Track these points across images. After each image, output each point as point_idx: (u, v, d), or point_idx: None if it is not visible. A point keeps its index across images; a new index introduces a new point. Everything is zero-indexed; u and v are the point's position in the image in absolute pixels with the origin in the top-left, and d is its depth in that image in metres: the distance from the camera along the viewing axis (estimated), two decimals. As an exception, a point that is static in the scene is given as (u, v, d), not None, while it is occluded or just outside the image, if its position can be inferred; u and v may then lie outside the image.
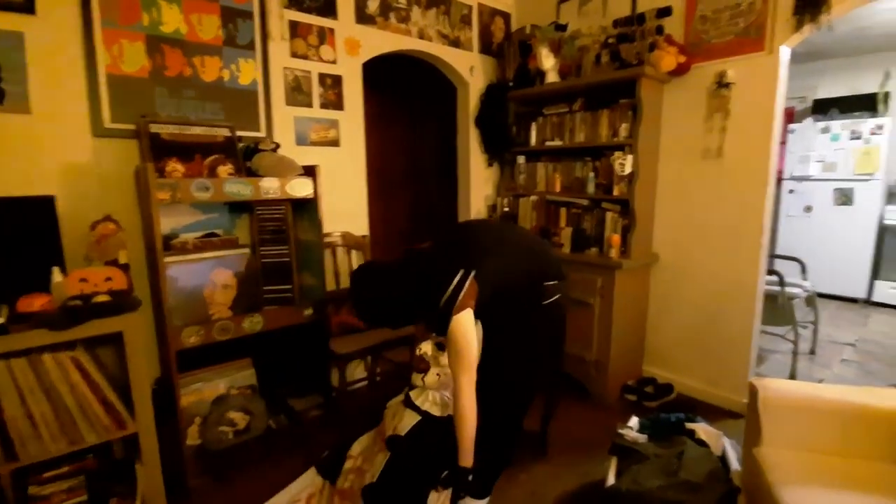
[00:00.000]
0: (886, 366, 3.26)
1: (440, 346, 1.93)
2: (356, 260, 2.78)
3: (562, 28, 2.89)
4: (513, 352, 1.77)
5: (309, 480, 1.96)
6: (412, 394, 1.94)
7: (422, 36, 2.89)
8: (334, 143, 2.62)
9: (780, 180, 5.05)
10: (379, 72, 3.66)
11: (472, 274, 1.55)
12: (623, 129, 2.68)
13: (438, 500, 1.66)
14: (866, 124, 4.56)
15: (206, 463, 2.06)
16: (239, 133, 2.21)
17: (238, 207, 2.28)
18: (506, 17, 3.31)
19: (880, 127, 4.49)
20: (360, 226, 2.79)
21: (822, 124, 4.81)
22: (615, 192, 2.71)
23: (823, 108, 5.04)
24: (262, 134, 2.35)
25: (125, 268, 1.76)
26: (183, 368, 2.05)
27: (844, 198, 4.70)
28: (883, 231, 4.55)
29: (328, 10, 2.51)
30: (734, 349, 2.60)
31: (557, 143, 3.00)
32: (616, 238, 2.64)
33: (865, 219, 4.58)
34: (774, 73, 2.34)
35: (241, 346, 2.20)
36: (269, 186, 2.05)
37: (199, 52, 2.17)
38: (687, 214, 2.71)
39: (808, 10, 2.21)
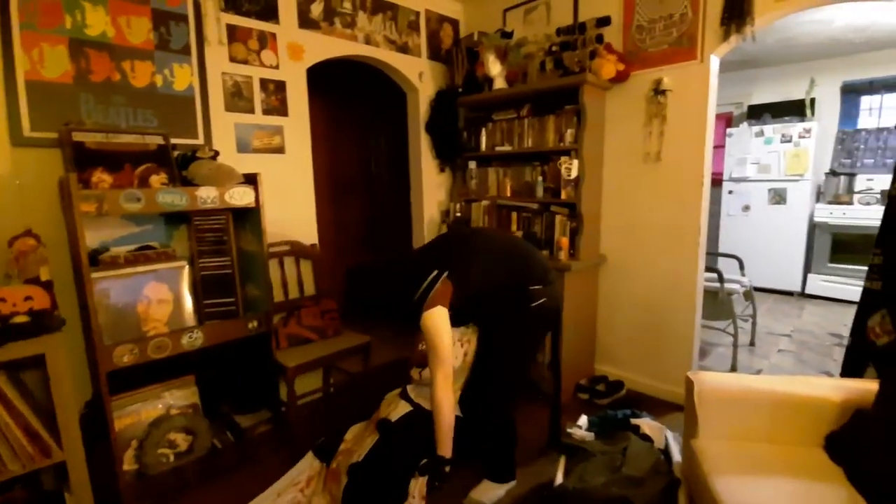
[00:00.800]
0: (818, 354, 3.48)
1: None
2: (305, 270, 2.72)
3: (508, 35, 2.94)
4: (504, 352, 1.88)
5: (307, 464, 2.04)
6: (409, 388, 2.08)
7: (368, 41, 2.86)
8: (279, 150, 2.56)
9: (720, 182, 5.32)
10: (329, 77, 3.61)
11: (445, 274, 1.68)
12: (569, 135, 2.74)
13: (416, 486, 1.72)
14: (796, 128, 4.86)
15: (145, 489, 1.95)
16: (174, 141, 2.12)
17: (175, 218, 2.18)
18: (454, 23, 3.33)
19: (808, 130, 4.81)
20: (308, 234, 2.73)
21: (756, 128, 5.10)
22: (563, 196, 2.77)
23: (757, 114, 5.35)
24: (199, 141, 2.26)
25: (47, 285, 1.65)
26: (119, 389, 1.94)
27: (778, 197, 4.99)
28: (813, 228, 4.87)
29: (269, 14, 2.46)
30: (678, 344, 2.70)
31: (507, 148, 3.04)
32: (565, 241, 2.70)
33: (797, 217, 4.88)
34: (706, 81, 2.46)
35: (184, 363, 2.10)
36: (207, 196, 1.98)
37: (128, 56, 2.07)
38: (631, 216, 2.80)
39: (734, 21, 2.34)
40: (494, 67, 2.87)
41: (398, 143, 3.37)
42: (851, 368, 2.13)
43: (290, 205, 2.63)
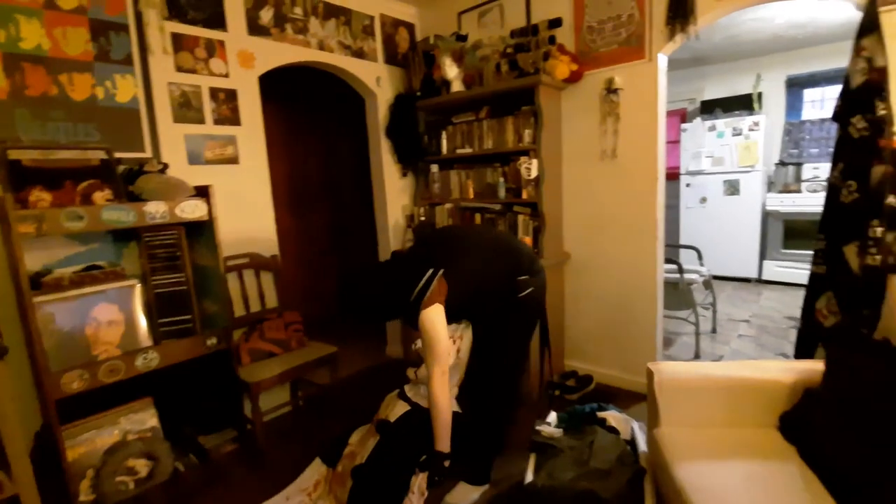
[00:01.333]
0: (776, 337, 3.62)
1: None
2: (266, 282, 2.66)
3: (462, 39, 2.96)
4: (499, 344, 1.94)
5: (315, 469, 2.08)
6: (406, 387, 2.10)
7: (322, 47, 2.83)
8: (233, 160, 2.49)
9: (677, 176, 5.49)
10: (286, 84, 3.56)
11: (441, 273, 1.72)
12: (527, 135, 2.77)
13: (416, 483, 1.76)
14: (745, 121, 5.07)
15: (103, 520, 1.86)
16: (119, 155, 2.04)
17: (124, 235, 2.09)
18: (409, 27, 3.33)
19: (756, 124, 5.02)
20: (268, 245, 2.67)
21: (709, 123, 5.29)
22: (524, 196, 2.80)
23: (709, 109, 5.54)
24: (147, 155, 2.18)
25: (-17, 313, 1.55)
26: (72, 417, 1.85)
27: (732, 188, 5.19)
28: (766, 216, 5.08)
29: (216, 21, 2.39)
30: (642, 336, 2.77)
31: (468, 150, 3.05)
32: (528, 240, 2.73)
33: (751, 206, 5.08)
34: (655, 79, 2.54)
35: (142, 386, 2.02)
36: (156, 211, 1.91)
37: (65, 68, 1.98)
38: (591, 213, 2.85)
39: (678, 21, 2.42)
40: (451, 70, 2.88)
41: (360, 149, 3.35)
42: (804, 350, 2.22)
43: (247, 216, 2.57)
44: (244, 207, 2.55)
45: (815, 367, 1.62)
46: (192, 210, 2.02)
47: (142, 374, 1.94)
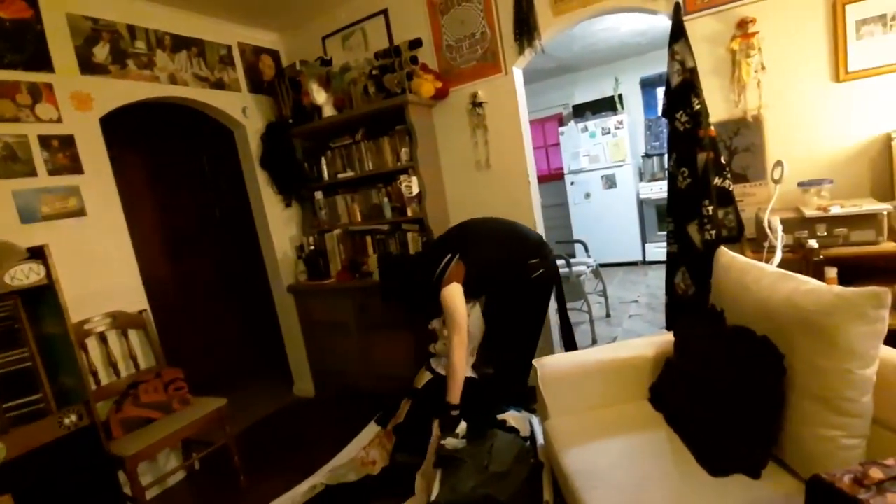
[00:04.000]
0: (661, 313, 3.93)
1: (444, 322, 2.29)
2: (136, 341, 2.41)
3: (327, 63, 2.94)
4: (514, 320, 2.26)
5: (370, 430, 2.48)
6: (431, 361, 2.38)
7: (174, 81, 2.66)
8: (78, 212, 2.23)
9: (562, 176, 5.89)
10: (146, 122, 3.31)
11: (457, 257, 2.09)
12: (404, 154, 2.81)
13: (434, 427, 2.07)
14: (611, 121, 5.57)
15: None
16: (-77, 223, 1.74)
17: (-60, 315, 1.78)
18: (274, 54, 3.25)
19: (621, 122, 5.54)
20: (134, 300, 2.42)
21: (581, 124, 5.74)
22: (409, 213, 2.82)
23: (581, 112, 6.03)
24: (-38, 218, 1.89)
25: None
26: None
27: (610, 182, 5.67)
28: (641, 204, 5.60)
29: (39, 63, 2.15)
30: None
31: (349, 174, 3.03)
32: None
33: (627, 196, 5.58)
34: (513, 91, 2.70)
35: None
36: (-25, 282, 1.65)
37: None
38: (477, 222, 2.95)
39: (525, 37, 2.60)
40: (320, 96, 2.85)
41: (240, 183, 3.18)
42: (671, 321, 2.45)
43: (102, 272, 2.31)
44: (98, 262, 2.30)
45: (671, 338, 1.79)
46: (26, 275, 1.78)
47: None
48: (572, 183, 5.85)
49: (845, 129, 2.07)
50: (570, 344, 2.44)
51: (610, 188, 5.65)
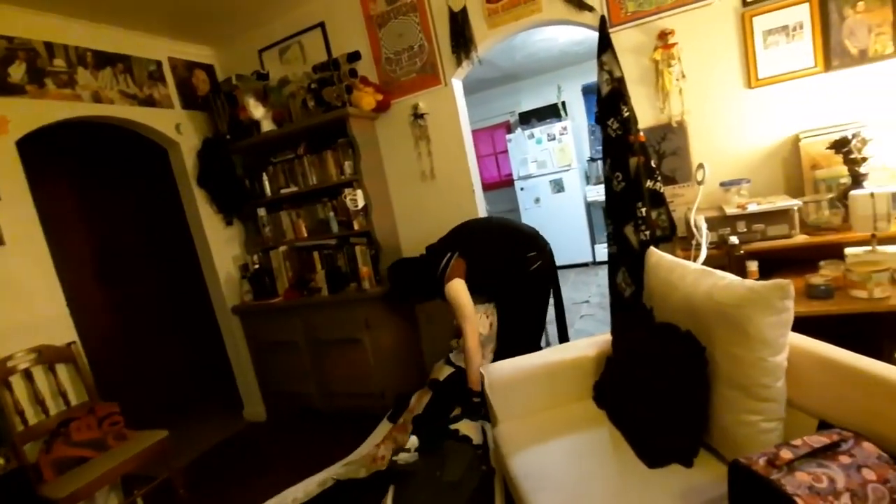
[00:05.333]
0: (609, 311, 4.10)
1: None
2: (65, 376, 2.25)
3: (264, 77, 2.88)
4: (517, 311, 2.41)
5: (383, 427, 2.51)
6: (451, 355, 2.51)
7: (99, 99, 2.52)
8: (-8, 242, 2.08)
9: (511, 182, 6.01)
10: (74, 143, 3.14)
11: (457, 254, 2.28)
12: (348, 167, 2.79)
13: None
14: (556, 127, 5.74)
15: None
16: None
17: None
18: (208, 68, 3.15)
19: (565, 128, 5.72)
20: (61, 333, 2.26)
21: (528, 132, 5.88)
22: (356, 227, 2.80)
23: (527, 119, 6.18)
24: None
25: None
26: None
27: (558, 187, 5.83)
28: (589, 206, 5.79)
29: (-59, 83, 2.00)
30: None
31: (293, 189, 2.97)
32: (366, 270, 2.72)
33: (575, 200, 5.76)
34: (454, 101, 2.74)
35: None
36: None
37: None
38: (425, 233, 2.93)
39: (461, 49, 2.65)
40: (257, 110, 2.79)
41: (178, 202, 3.04)
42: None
43: (25, 304, 2.15)
44: (19, 294, 2.13)
45: (610, 337, 1.85)
46: (-73, 313, 1.63)
47: None
48: (522, 189, 5.97)
49: (759, 131, 2.22)
50: (564, 335, 2.61)
51: (558, 192, 5.81)
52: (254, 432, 3.12)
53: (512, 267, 2.33)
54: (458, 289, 2.22)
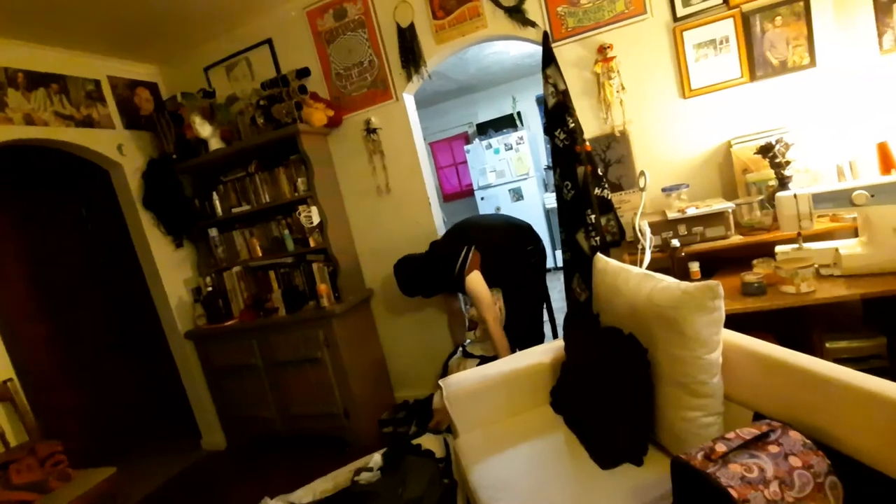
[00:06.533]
0: (571, 315, 4.18)
1: None
2: (2, 417, 2.11)
3: (210, 95, 2.82)
4: (521, 298, 2.55)
5: (426, 438, 2.32)
6: (468, 348, 2.57)
7: (31, 122, 2.40)
8: None
9: (472, 192, 6.08)
10: (17, 167, 2.98)
11: (473, 247, 2.39)
12: (301, 183, 2.76)
13: None
14: (512, 137, 5.85)
15: None
16: None
17: None
18: (151, 86, 3.06)
19: (521, 138, 5.84)
20: (-7, 369, 2.12)
21: (486, 142, 5.97)
22: (312, 244, 2.76)
23: (484, 130, 6.29)
24: None
25: None
26: None
27: (517, 195, 5.93)
28: (547, 213, 5.92)
29: None
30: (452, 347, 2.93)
31: (245, 207, 2.90)
32: (324, 287, 2.68)
33: (535, 207, 5.87)
34: (405, 116, 2.76)
35: None
36: None
37: None
38: (383, 247, 2.94)
39: (411, 64, 2.68)
40: (204, 129, 2.72)
41: (125, 226, 2.91)
42: (573, 325, 2.59)
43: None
44: (-57, 332, 1.99)
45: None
46: None
47: None
48: (482, 198, 6.05)
49: (695, 139, 2.34)
50: (556, 333, 2.81)
51: (518, 201, 5.91)
52: (213, 462, 3.00)
53: (516, 258, 2.50)
54: (478, 281, 2.35)
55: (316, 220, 2.70)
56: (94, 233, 3.57)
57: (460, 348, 2.64)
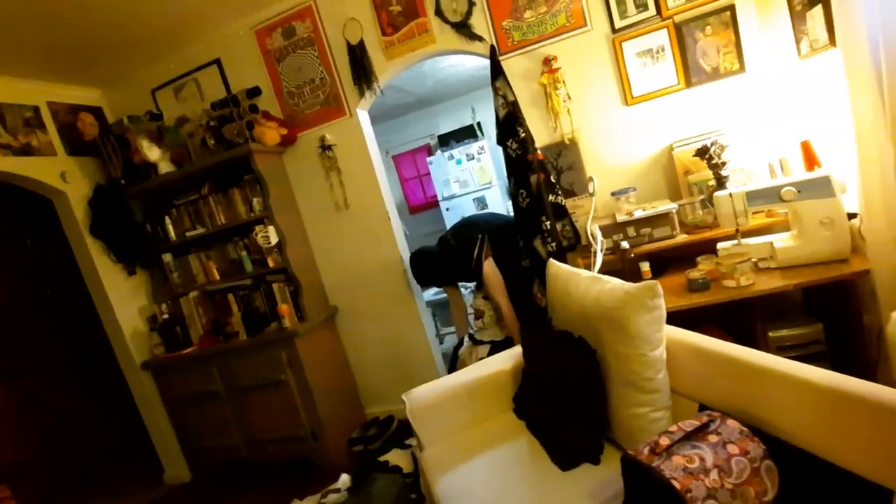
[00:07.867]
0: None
1: (485, 298, 2.64)
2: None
3: (157, 117, 2.76)
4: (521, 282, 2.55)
5: None
6: (476, 335, 2.63)
7: (-37, 152, 2.30)
8: None
9: (437, 203, 6.12)
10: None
11: (486, 238, 2.53)
12: (257, 203, 2.72)
13: None
14: (473, 147, 5.93)
15: None
16: None
17: None
18: (96, 111, 2.96)
19: (482, 148, 5.92)
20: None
21: (448, 153, 6.03)
22: (271, 264, 2.72)
23: (446, 141, 6.36)
24: None
25: None
26: None
27: (482, 204, 6.00)
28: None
29: None
30: (422, 361, 2.93)
31: (200, 230, 2.83)
32: (285, 308, 2.64)
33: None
34: (360, 132, 2.77)
35: None
36: None
37: None
38: (345, 263, 2.93)
39: (363, 81, 2.70)
40: (152, 152, 2.66)
41: (73, 255, 2.79)
42: (536, 330, 2.63)
43: None
44: None
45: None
46: None
47: None
48: (447, 209, 6.08)
49: (640, 143, 2.44)
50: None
51: (483, 209, 5.98)
52: (177, 496, 2.88)
53: (514, 250, 2.56)
54: (492, 270, 2.53)
55: (274, 239, 2.66)
56: (40, 263, 3.41)
57: (467, 337, 2.71)
